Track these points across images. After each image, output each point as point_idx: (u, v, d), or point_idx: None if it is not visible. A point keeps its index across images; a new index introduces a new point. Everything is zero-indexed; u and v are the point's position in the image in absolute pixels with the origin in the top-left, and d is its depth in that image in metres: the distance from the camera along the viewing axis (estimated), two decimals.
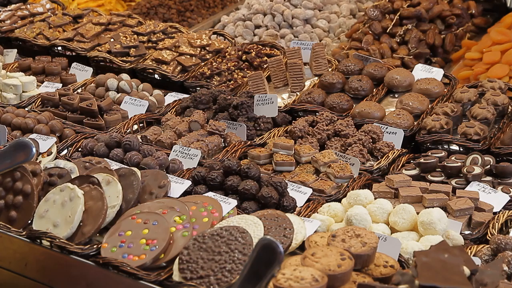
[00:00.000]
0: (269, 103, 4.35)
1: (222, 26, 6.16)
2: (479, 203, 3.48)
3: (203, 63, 5.08)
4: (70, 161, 3.62)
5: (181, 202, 3.18)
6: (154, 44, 5.30)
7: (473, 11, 5.86)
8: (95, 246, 3.04)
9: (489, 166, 3.79)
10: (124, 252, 2.96)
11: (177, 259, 2.87)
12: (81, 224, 3.12)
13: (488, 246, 3.13)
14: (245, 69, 5.02)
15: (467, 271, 2.53)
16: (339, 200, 3.50)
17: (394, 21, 5.53)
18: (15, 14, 5.79)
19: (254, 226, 2.96)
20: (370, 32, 5.53)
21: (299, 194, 3.54)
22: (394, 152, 3.97)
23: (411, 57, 5.31)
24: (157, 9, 6.53)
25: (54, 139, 3.95)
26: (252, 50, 5.14)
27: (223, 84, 4.86)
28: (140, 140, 4.04)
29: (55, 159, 3.76)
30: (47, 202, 3.22)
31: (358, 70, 4.79)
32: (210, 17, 6.50)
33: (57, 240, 3.07)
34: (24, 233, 3.18)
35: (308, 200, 3.53)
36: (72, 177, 3.38)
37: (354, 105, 4.46)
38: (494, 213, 3.45)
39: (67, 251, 3.05)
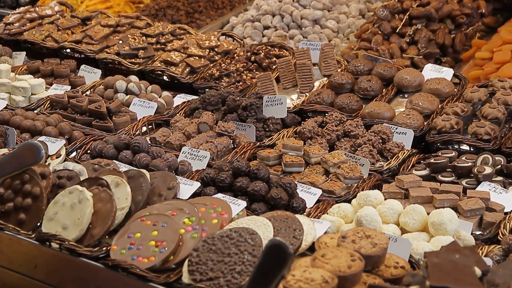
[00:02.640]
0: (278, 104, 4.33)
1: (231, 27, 6.15)
2: (490, 203, 3.45)
3: (211, 65, 5.07)
4: (79, 163, 3.61)
5: (190, 203, 3.17)
6: (163, 46, 5.29)
7: (483, 11, 5.83)
8: (104, 248, 3.03)
9: (500, 166, 3.77)
10: (133, 254, 2.95)
11: (186, 261, 2.86)
12: (90, 226, 3.12)
13: (500, 246, 3.11)
14: (254, 70, 5.00)
15: (478, 271, 2.51)
16: (349, 201, 3.48)
17: (403, 21, 5.50)
18: (24, 17, 5.81)
19: (263, 228, 2.95)
20: (379, 32, 5.50)
21: (309, 195, 3.53)
22: (404, 153, 3.95)
23: (420, 57, 5.28)
24: (165, 10, 6.52)
25: (63, 142, 3.94)
26: (261, 51, 5.13)
27: (232, 85, 4.85)
28: (149, 142, 4.04)
29: (64, 161, 3.76)
30: (56, 204, 3.22)
31: (368, 70, 4.78)
32: (219, 18, 6.49)
33: (66, 242, 3.06)
34: (33, 235, 3.17)
35: (318, 201, 3.51)
36: (81, 179, 3.38)
37: (364, 106, 4.44)
38: (505, 213, 3.43)
39: (76, 253, 3.05)
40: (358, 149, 3.98)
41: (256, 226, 2.95)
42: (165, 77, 5.04)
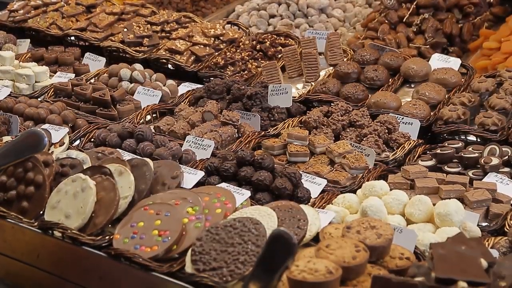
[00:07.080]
0: (283, 93, 4.31)
1: (236, 16, 6.12)
2: (496, 194, 3.43)
3: (217, 53, 5.04)
4: (83, 151, 3.59)
5: (194, 193, 3.15)
6: (168, 34, 5.26)
7: (491, 0, 5.78)
8: (107, 237, 3.01)
9: (507, 157, 3.74)
10: (136, 243, 2.94)
11: (189, 251, 2.84)
12: (93, 215, 3.10)
13: (506, 238, 3.09)
14: (259, 59, 4.97)
15: (484, 263, 2.49)
16: (354, 191, 3.46)
17: (410, 10, 5.46)
18: (28, 4, 5.79)
19: (267, 218, 2.93)
20: (386, 21, 5.47)
21: (314, 185, 3.51)
22: (410, 143, 3.92)
23: (427, 46, 5.24)
24: None
25: (67, 130, 3.93)
26: (266, 40, 5.10)
27: (237, 74, 4.82)
28: (153, 131, 4.02)
29: (68, 149, 3.74)
30: (59, 193, 3.20)
31: (374, 60, 4.75)
32: (224, 6, 6.45)
33: (69, 231, 3.05)
34: (36, 224, 3.16)
35: (323, 191, 3.49)
36: (84, 168, 3.36)
37: (370, 95, 4.41)
38: None
39: (79, 242, 3.03)
40: (364, 139, 3.96)
41: (260, 216, 2.93)
42: (169, 66, 5.01)
